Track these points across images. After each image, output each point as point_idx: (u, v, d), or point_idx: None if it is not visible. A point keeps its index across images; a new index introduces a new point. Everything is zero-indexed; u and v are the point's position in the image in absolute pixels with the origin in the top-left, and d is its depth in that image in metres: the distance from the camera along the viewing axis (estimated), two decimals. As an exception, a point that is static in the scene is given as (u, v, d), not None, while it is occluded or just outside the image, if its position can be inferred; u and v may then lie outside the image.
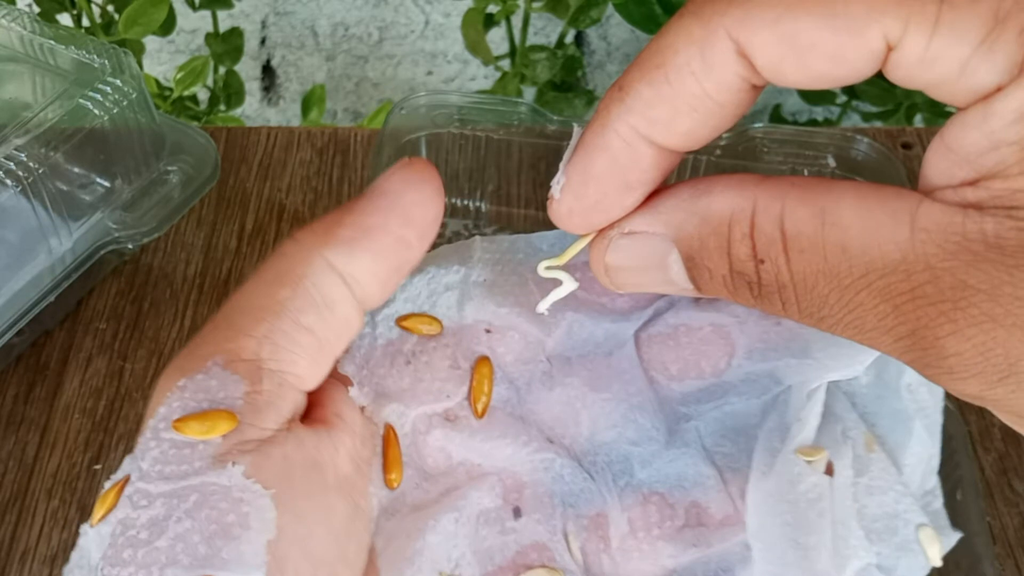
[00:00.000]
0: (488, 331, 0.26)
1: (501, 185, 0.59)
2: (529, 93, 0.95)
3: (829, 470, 0.23)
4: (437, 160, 0.58)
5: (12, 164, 0.48)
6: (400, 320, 0.25)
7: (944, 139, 0.17)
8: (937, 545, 0.24)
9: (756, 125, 0.55)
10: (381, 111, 0.94)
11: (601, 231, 0.21)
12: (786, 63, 0.17)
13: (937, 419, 0.25)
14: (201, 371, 0.21)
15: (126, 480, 0.21)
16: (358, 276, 0.22)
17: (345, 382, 0.24)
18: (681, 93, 0.18)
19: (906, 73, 0.16)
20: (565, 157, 0.20)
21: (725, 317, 0.26)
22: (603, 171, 0.19)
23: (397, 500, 0.24)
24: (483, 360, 0.25)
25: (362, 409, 0.24)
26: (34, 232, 0.50)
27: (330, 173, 0.62)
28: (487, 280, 0.26)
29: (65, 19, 0.86)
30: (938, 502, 0.25)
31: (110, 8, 0.85)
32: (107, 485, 0.21)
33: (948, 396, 0.47)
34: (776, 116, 1.01)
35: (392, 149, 0.56)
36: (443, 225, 0.58)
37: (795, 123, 1.05)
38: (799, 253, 0.18)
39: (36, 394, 0.51)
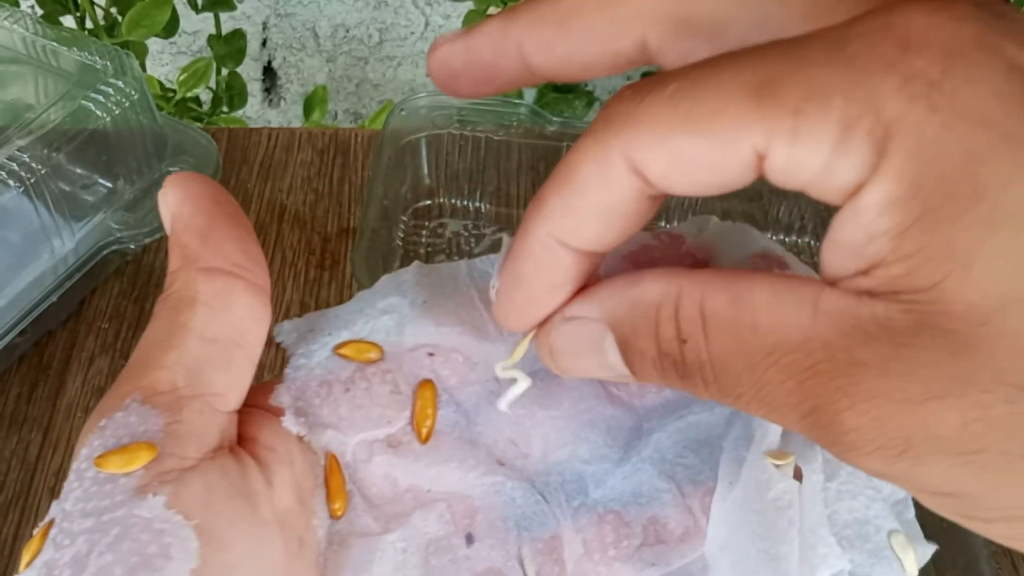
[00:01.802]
0: (431, 354, 0.25)
1: (501, 186, 0.59)
2: (529, 94, 0.95)
3: (797, 475, 0.23)
4: (437, 161, 0.58)
5: (15, 165, 0.48)
6: (337, 348, 0.25)
7: (831, 237, 0.19)
8: (912, 554, 0.24)
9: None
10: (382, 112, 0.94)
11: (546, 319, 0.22)
12: (675, 176, 0.19)
13: None
14: (120, 409, 0.21)
15: (50, 524, 0.21)
16: (237, 261, 0.23)
17: (278, 414, 0.24)
18: (586, 205, 0.20)
19: (782, 177, 0.18)
20: (497, 264, 0.22)
21: None
22: (530, 274, 0.21)
23: (343, 530, 0.24)
24: (425, 383, 0.25)
25: (300, 439, 0.24)
26: (37, 233, 0.50)
27: (331, 174, 0.63)
28: (426, 301, 0.25)
29: (68, 21, 0.86)
30: (910, 512, 0.25)
31: (113, 10, 0.86)
32: (34, 532, 0.21)
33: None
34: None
35: (392, 150, 0.57)
36: (443, 225, 0.59)
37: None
38: (716, 332, 0.19)
39: (39, 393, 0.51)
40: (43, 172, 0.49)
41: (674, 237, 0.26)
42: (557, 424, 0.25)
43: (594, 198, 0.20)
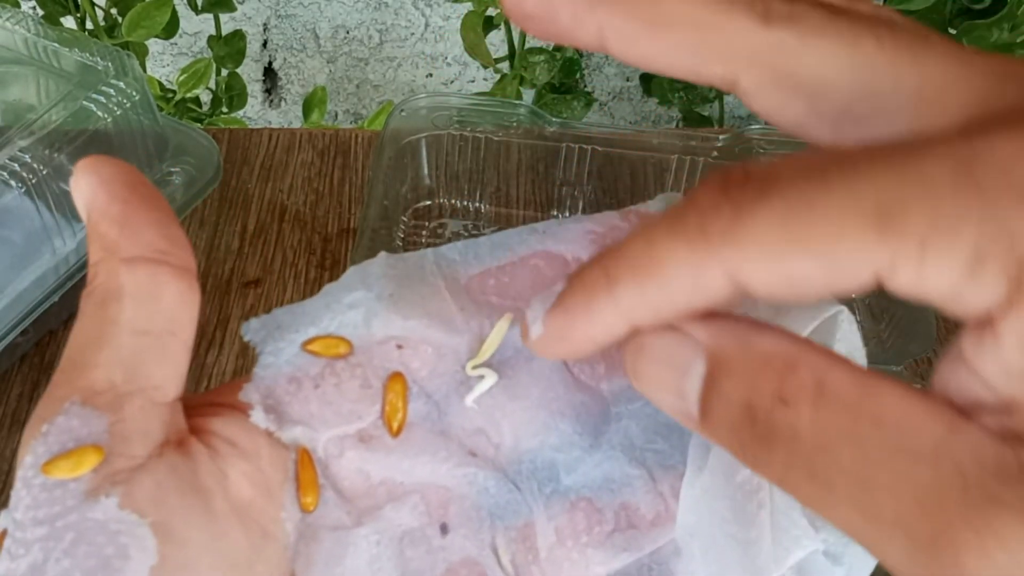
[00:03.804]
0: (400, 347, 0.25)
1: (500, 186, 0.59)
2: (528, 95, 0.95)
3: None
4: (437, 161, 0.59)
5: (16, 165, 0.48)
6: (306, 344, 0.24)
7: (964, 359, 0.17)
8: None
9: (752, 127, 0.56)
10: (382, 113, 0.94)
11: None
12: (781, 291, 0.18)
13: None
14: (60, 414, 0.21)
15: (3, 535, 0.20)
16: (159, 247, 0.22)
17: (243, 408, 0.24)
18: (667, 302, 0.19)
19: (898, 292, 0.17)
20: (544, 299, 0.22)
21: None
22: (579, 334, 0.21)
23: (315, 524, 0.24)
24: (395, 376, 0.24)
25: (270, 434, 0.24)
26: (38, 233, 0.51)
27: (331, 174, 0.63)
28: (392, 294, 0.25)
29: (69, 22, 0.87)
30: None
31: (113, 11, 0.86)
32: None
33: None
34: (775, 118, 1.01)
35: (392, 150, 0.57)
36: (443, 225, 0.59)
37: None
38: (828, 408, 0.17)
39: (41, 393, 0.51)
40: (44, 172, 0.49)
41: (642, 216, 0.26)
42: (526, 413, 0.25)
43: (680, 299, 0.19)
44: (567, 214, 0.59)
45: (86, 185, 0.23)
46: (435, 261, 0.26)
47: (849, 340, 0.23)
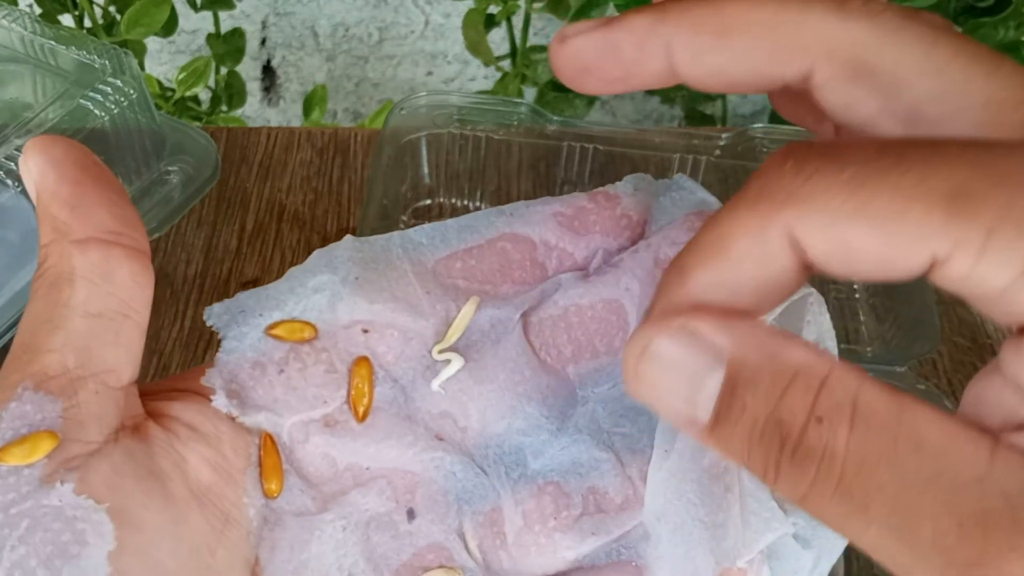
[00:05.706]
0: (366, 331, 0.24)
1: (501, 185, 0.59)
2: (530, 94, 0.95)
3: None
4: (437, 160, 0.58)
5: (13, 164, 0.48)
6: (269, 329, 0.24)
7: (1003, 372, 0.17)
8: None
9: (756, 125, 0.55)
10: (381, 111, 0.94)
11: (667, 314, 0.20)
12: (835, 261, 0.17)
13: None
14: (13, 399, 0.21)
15: None
16: (111, 228, 0.22)
17: (206, 393, 0.23)
18: (741, 281, 0.18)
19: (950, 284, 0.17)
20: (637, 324, 0.21)
21: (616, 291, 0.25)
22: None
23: (280, 509, 0.23)
24: (361, 361, 0.24)
25: (233, 419, 0.23)
26: (35, 232, 0.50)
27: (330, 173, 0.63)
28: (358, 278, 0.25)
29: (67, 20, 0.86)
30: None
31: (112, 9, 0.86)
32: None
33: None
34: (775, 116, 1.01)
35: (392, 149, 0.56)
36: (443, 225, 0.58)
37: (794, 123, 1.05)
38: (866, 429, 0.17)
39: (37, 394, 0.51)
40: (41, 171, 0.49)
41: (610, 197, 0.26)
42: (493, 397, 0.25)
43: (750, 273, 0.18)
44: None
45: (35, 166, 0.22)
46: (402, 244, 0.26)
47: (818, 323, 0.23)
